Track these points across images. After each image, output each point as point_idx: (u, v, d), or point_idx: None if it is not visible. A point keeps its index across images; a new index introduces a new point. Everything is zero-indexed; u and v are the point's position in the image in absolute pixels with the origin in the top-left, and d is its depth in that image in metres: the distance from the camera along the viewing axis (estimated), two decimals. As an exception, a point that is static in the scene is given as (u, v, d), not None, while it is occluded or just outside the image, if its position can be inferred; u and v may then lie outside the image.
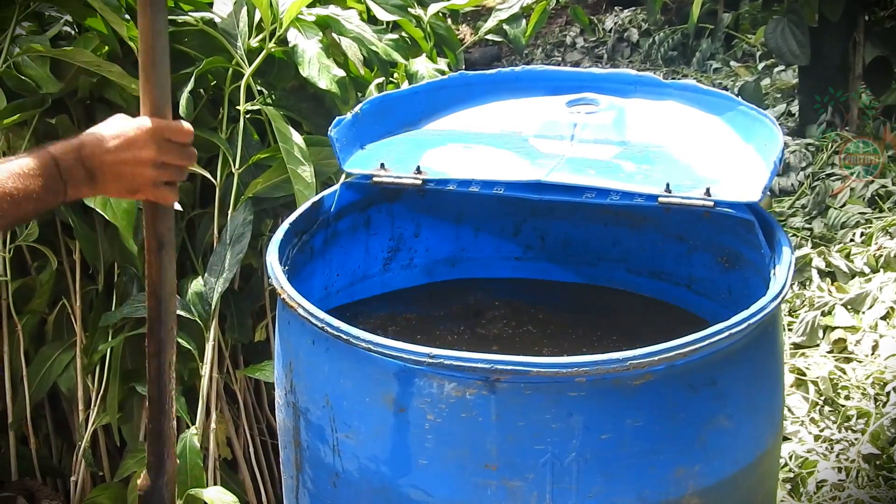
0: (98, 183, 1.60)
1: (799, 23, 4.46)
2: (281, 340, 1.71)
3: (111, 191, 1.64)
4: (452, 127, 2.02)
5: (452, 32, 4.07)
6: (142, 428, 2.63)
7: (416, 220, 2.06)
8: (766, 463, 1.64)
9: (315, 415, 1.61)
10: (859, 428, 2.97)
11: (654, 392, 1.47)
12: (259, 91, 2.63)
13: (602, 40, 6.50)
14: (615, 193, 1.79)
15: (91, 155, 1.59)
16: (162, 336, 1.78)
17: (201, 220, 2.67)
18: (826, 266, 3.69)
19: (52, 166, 1.56)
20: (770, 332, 1.61)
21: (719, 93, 1.97)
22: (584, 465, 1.47)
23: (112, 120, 1.64)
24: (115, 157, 1.60)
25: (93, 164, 1.59)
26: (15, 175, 1.53)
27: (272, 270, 1.66)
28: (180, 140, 1.64)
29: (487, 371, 1.43)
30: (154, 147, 1.61)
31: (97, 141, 1.60)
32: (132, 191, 1.64)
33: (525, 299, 2.08)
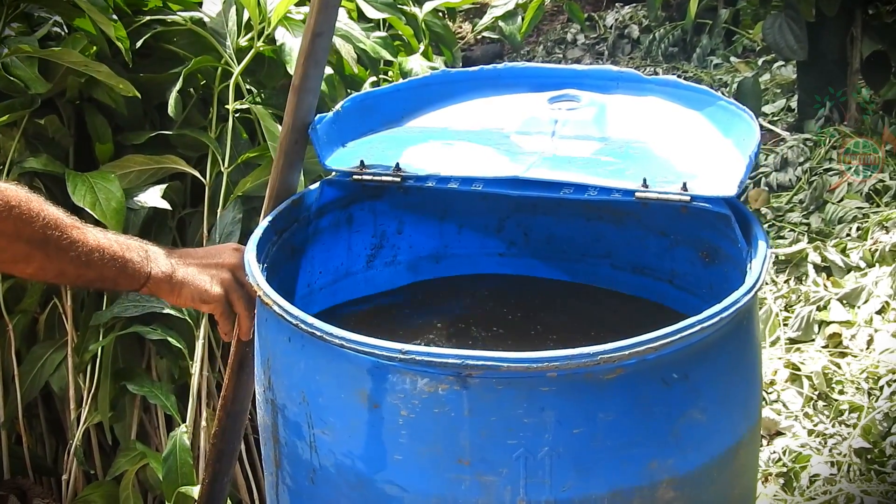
0: (178, 280, 1.72)
1: (796, 18, 4.46)
2: (259, 338, 1.71)
3: (187, 293, 1.74)
4: (434, 124, 2.03)
5: (449, 30, 4.08)
6: (133, 427, 2.65)
7: (399, 217, 2.07)
8: (743, 456, 1.64)
9: (292, 411, 1.62)
10: (852, 422, 2.97)
11: (625, 386, 1.47)
12: (248, 90, 2.64)
13: (603, 37, 6.50)
14: (593, 189, 1.79)
15: (180, 255, 1.75)
16: (221, 448, 1.95)
17: (192, 219, 2.69)
18: (822, 261, 3.69)
19: (144, 249, 1.70)
20: (745, 326, 1.61)
21: (700, 88, 1.97)
22: (557, 460, 1.47)
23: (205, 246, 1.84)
24: (199, 261, 1.76)
25: (178, 262, 1.73)
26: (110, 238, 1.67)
27: (249, 268, 1.67)
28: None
29: (459, 366, 1.44)
30: (237, 259, 1.76)
31: (187, 249, 1.80)
32: (206, 296, 1.75)
33: (509, 296, 2.09)
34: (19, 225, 1.55)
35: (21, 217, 1.54)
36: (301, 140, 1.86)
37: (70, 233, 1.61)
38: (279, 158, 1.87)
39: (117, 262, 1.65)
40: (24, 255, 1.57)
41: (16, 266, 1.61)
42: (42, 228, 1.57)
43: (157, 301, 2.55)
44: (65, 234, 1.60)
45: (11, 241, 1.55)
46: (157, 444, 2.66)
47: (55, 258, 1.60)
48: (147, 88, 2.58)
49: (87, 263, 1.62)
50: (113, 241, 1.66)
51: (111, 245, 1.65)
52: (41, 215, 1.57)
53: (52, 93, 2.53)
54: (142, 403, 2.66)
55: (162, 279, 1.70)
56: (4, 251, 1.56)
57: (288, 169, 1.87)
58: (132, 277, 1.67)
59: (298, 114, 1.84)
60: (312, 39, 1.79)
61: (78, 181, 2.44)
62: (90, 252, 1.62)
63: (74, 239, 1.61)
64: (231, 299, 1.76)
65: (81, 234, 1.62)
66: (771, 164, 4.50)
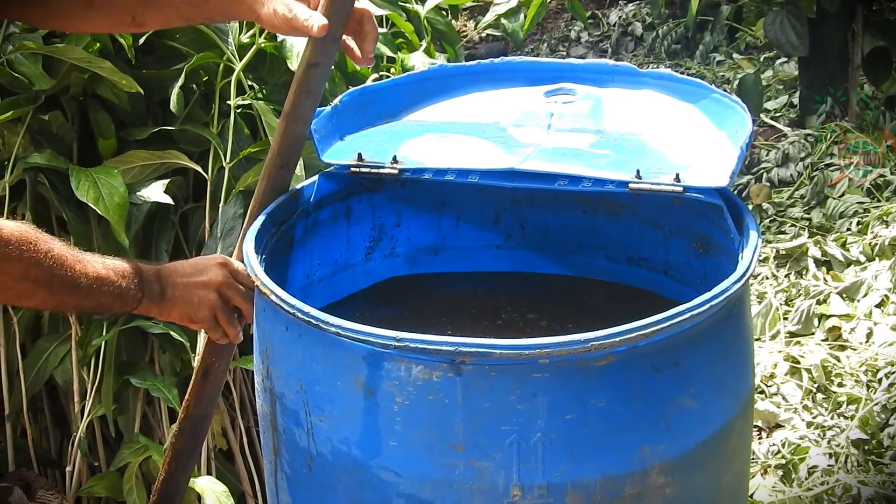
0: (167, 301, 1.78)
1: (797, 14, 4.48)
2: (258, 328, 1.74)
3: (176, 313, 1.80)
4: (432, 118, 2.05)
5: (451, 27, 4.10)
6: (136, 420, 2.68)
7: (397, 209, 2.09)
8: (734, 442, 1.66)
9: (290, 399, 1.64)
10: (850, 414, 2.99)
11: (617, 373, 1.49)
12: (250, 86, 2.67)
13: (606, 34, 6.52)
14: (587, 180, 1.82)
15: (169, 274, 1.78)
16: (179, 448, 1.98)
17: (194, 213, 2.71)
18: (822, 255, 3.71)
19: (137, 273, 1.74)
20: (736, 314, 1.64)
21: (694, 81, 1.99)
22: (549, 445, 1.50)
23: (193, 258, 1.88)
24: (187, 280, 1.80)
25: (167, 283, 1.77)
26: (108, 267, 1.71)
27: (247, 258, 1.70)
28: (245, 282, 1.80)
29: (452, 353, 1.46)
30: (222, 275, 1.80)
31: (175, 265, 1.82)
32: (193, 317, 1.80)
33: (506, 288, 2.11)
34: (28, 267, 1.61)
35: (30, 260, 1.60)
36: (287, 166, 1.87)
37: (74, 268, 1.66)
38: (263, 182, 1.88)
39: (114, 290, 1.70)
40: (29, 292, 1.64)
41: (19, 300, 1.73)
42: (49, 269, 1.63)
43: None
44: (69, 270, 1.65)
45: (18, 280, 1.61)
46: (159, 437, 2.69)
47: (58, 293, 1.66)
48: (150, 84, 2.61)
49: (87, 295, 1.68)
50: (111, 269, 1.71)
51: (109, 274, 1.70)
52: (49, 255, 1.63)
53: (55, 89, 2.56)
54: (145, 396, 2.68)
55: (153, 303, 1.76)
56: (10, 289, 1.63)
57: (271, 193, 1.88)
58: (126, 303, 1.73)
59: (285, 140, 1.85)
60: (307, 69, 1.81)
61: (81, 176, 2.46)
62: (90, 284, 1.67)
63: (77, 274, 1.66)
64: (217, 316, 1.81)
65: (83, 268, 1.67)
66: (772, 160, 4.52)
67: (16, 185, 2.55)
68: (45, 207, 2.61)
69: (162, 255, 2.63)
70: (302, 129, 1.85)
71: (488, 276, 2.14)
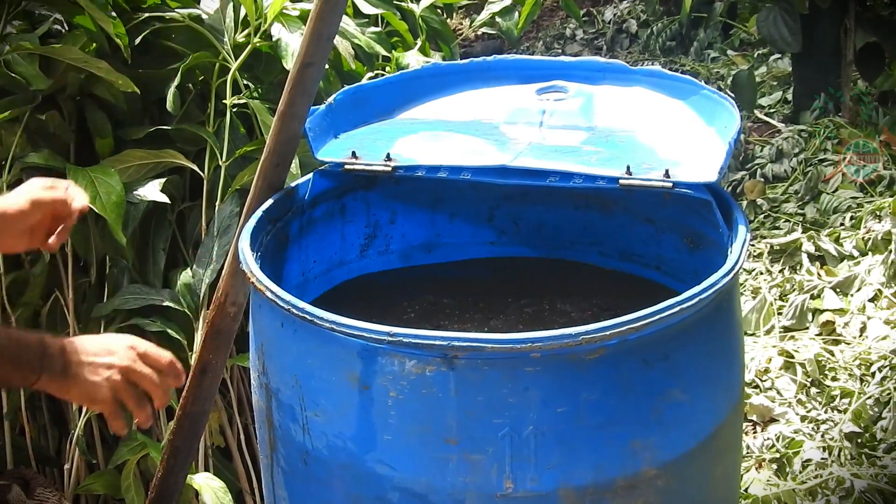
0: (68, 378, 1.66)
1: (790, 10, 4.49)
2: (253, 324, 1.76)
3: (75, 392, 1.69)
4: (425, 116, 2.08)
5: (446, 26, 4.12)
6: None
7: (391, 206, 2.12)
8: (725, 435, 1.68)
9: (285, 395, 1.66)
10: (844, 408, 3.01)
11: (607, 366, 1.51)
12: (246, 85, 2.69)
13: (601, 32, 6.54)
14: (578, 177, 1.84)
15: (73, 351, 1.67)
16: (177, 445, 2.01)
17: (191, 212, 2.73)
18: (816, 250, 3.72)
19: (40, 346, 1.65)
20: (725, 307, 1.66)
21: (684, 78, 2.02)
22: (541, 438, 1.52)
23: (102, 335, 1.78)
24: (91, 360, 1.68)
25: (70, 359, 1.67)
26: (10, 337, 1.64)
27: (243, 255, 1.72)
28: (156, 364, 1.70)
29: (445, 348, 1.48)
30: (129, 358, 1.69)
31: (82, 342, 1.70)
32: (94, 398, 1.68)
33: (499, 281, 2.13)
34: None
35: None
36: (282, 164, 1.89)
37: None
38: (258, 180, 1.90)
39: (13, 361, 1.64)
40: None
41: None
42: None
43: (157, 293, 2.60)
44: None
45: None
46: (157, 434, 2.70)
47: None
48: (146, 84, 2.63)
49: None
50: (14, 340, 1.65)
51: (9, 345, 1.64)
52: None
53: (52, 89, 2.57)
54: (143, 394, 2.70)
55: (52, 379, 1.67)
56: None
57: (267, 191, 1.90)
58: (25, 376, 1.66)
59: (281, 138, 1.87)
60: (301, 69, 1.82)
61: (79, 175, 2.48)
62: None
63: None
64: (121, 398, 1.70)
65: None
66: (767, 156, 4.53)
67: (13, 184, 2.56)
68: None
69: (159, 253, 2.65)
70: (297, 128, 1.87)
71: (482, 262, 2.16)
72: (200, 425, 2.02)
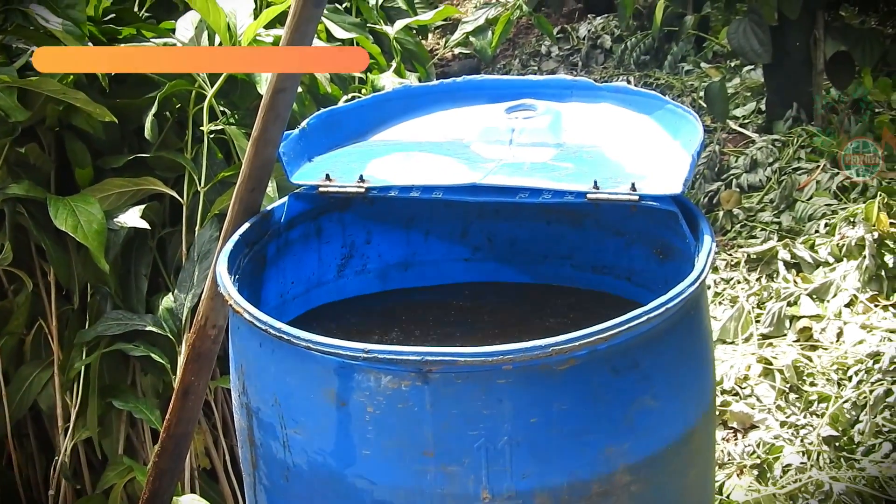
0: None
1: (760, 22, 4.55)
2: (232, 345, 1.79)
3: None
4: (397, 137, 2.12)
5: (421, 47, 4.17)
6: (121, 442, 2.72)
7: (366, 227, 2.15)
8: (697, 440, 1.72)
9: (266, 413, 1.70)
10: (822, 412, 3.06)
11: (578, 376, 1.55)
12: (222, 111, 2.73)
13: (577, 48, 6.59)
14: (547, 192, 1.88)
15: None
16: (162, 468, 2.03)
17: (171, 238, 2.77)
18: (791, 258, 3.77)
19: None
20: (693, 315, 1.70)
21: (649, 93, 2.06)
22: (516, 449, 1.56)
23: None
24: None
25: None
26: None
27: (220, 278, 1.75)
28: None
29: (419, 363, 1.52)
30: None
31: None
32: None
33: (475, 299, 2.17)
34: None
35: None
36: (258, 188, 1.92)
37: None
38: (235, 205, 1.93)
39: None
40: None
41: None
42: None
43: (140, 319, 2.63)
44: None
45: None
46: (143, 458, 2.73)
47: None
48: (124, 113, 2.67)
49: None
50: None
51: None
52: None
53: (32, 121, 2.61)
54: (128, 418, 2.73)
55: None
56: None
57: (243, 214, 1.93)
58: None
59: (255, 163, 1.90)
60: (274, 95, 1.86)
61: (59, 205, 2.52)
62: None
63: None
64: None
65: None
66: (741, 166, 4.59)
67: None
68: (25, 236, 2.66)
69: (141, 279, 2.68)
70: (271, 153, 1.91)
71: (456, 287, 2.20)
72: (184, 447, 2.05)
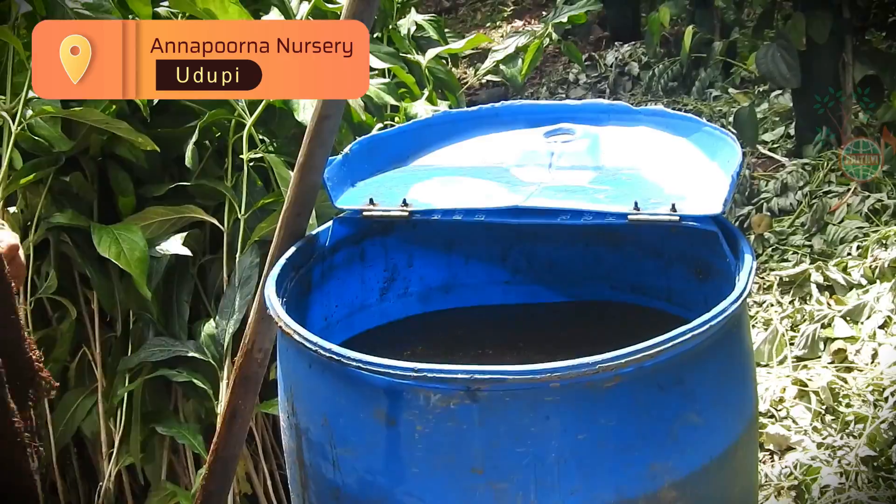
0: None
1: (788, 47, 4.58)
2: (281, 367, 1.82)
3: None
4: (438, 162, 2.15)
5: (452, 75, 4.22)
6: (163, 467, 2.75)
7: (408, 250, 2.18)
8: (740, 455, 1.74)
9: (315, 434, 1.73)
10: (859, 433, 3.06)
11: (624, 393, 1.57)
12: (261, 139, 2.77)
13: (604, 75, 6.63)
14: (588, 214, 1.91)
15: None
16: (210, 489, 2.05)
17: (212, 265, 2.81)
18: (824, 280, 3.78)
19: None
20: (735, 333, 1.72)
21: (686, 116, 2.09)
22: (563, 465, 1.58)
23: None
24: None
25: None
26: None
27: (269, 301, 1.79)
28: None
29: (468, 381, 1.55)
30: None
31: None
32: None
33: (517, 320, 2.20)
34: None
35: None
36: (304, 213, 1.96)
37: None
38: (281, 230, 1.97)
39: None
40: None
41: None
42: None
43: (182, 345, 2.67)
44: None
45: None
46: (186, 483, 2.76)
47: None
48: (165, 142, 2.71)
49: None
50: None
51: None
52: None
53: (75, 150, 2.66)
54: (171, 444, 2.76)
55: None
56: None
57: (289, 239, 1.97)
58: None
59: (301, 189, 1.94)
60: (319, 122, 1.90)
61: (103, 234, 2.56)
62: None
63: None
64: None
65: None
66: (772, 190, 4.60)
67: (39, 244, 2.65)
68: (69, 265, 2.70)
69: (183, 305, 2.72)
70: (316, 178, 1.95)
71: (497, 308, 2.23)
72: (232, 469, 2.08)
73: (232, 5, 2.63)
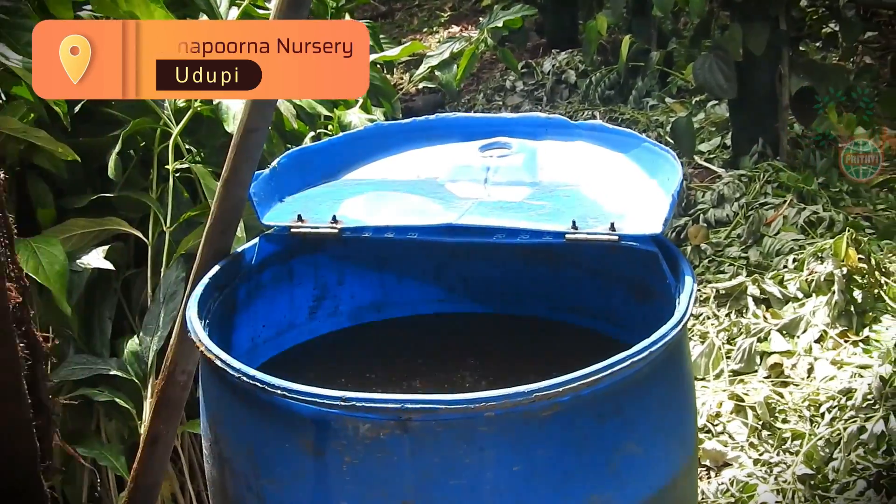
0: None
1: (725, 58, 4.57)
2: (203, 393, 1.74)
3: None
4: (370, 176, 2.08)
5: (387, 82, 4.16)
6: (84, 489, 2.65)
7: (339, 268, 2.11)
8: (682, 485, 1.69)
9: (238, 463, 1.65)
10: (795, 450, 3.03)
11: (562, 423, 1.51)
12: (188, 150, 2.68)
13: (541, 83, 6.59)
14: (525, 233, 1.85)
15: None
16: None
17: (136, 279, 2.71)
18: (761, 293, 3.76)
19: None
20: (675, 358, 1.67)
21: (625, 131, 2.04)
22: (499, 498, 1.52)
23: None
24: None
25: None
26: None
27: (191, 324, 1.70)
28: None
29: (399, 411, 1.47)
30: None
31: None
32: None
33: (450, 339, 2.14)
34: None
35: None
36: (229, 230, 1.88)
37: None
38: (204, 248, 1.89)
39: None
40: None
41: None
42: None
43: (104, 363, 2.57)
44: None
45: None
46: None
47: None
48: (87, 152, 2.62)
49: None
50: None
51: None
52: None
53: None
54: (92, 465, 2.66)
55: None
56: None
57: (213, 257, 1.89)
58: None
59: (225, 205, 1.86)
60: (245, 135, 1.82)
61: (20, 246, 2.45)
62: None
63: None
64: None
65: None
66: (708, 201, 4.59)
67: (-46, 257, 2.54)
68: (-15, 279, 2.59)
69: (105, 321, 2.62)
70: (242, 194, 1.87)
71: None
72: (153, 497, 1.99)
73: (157, 9, 2.55)
